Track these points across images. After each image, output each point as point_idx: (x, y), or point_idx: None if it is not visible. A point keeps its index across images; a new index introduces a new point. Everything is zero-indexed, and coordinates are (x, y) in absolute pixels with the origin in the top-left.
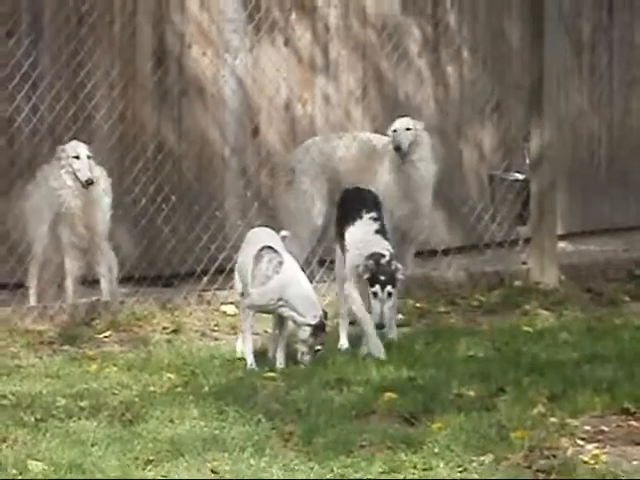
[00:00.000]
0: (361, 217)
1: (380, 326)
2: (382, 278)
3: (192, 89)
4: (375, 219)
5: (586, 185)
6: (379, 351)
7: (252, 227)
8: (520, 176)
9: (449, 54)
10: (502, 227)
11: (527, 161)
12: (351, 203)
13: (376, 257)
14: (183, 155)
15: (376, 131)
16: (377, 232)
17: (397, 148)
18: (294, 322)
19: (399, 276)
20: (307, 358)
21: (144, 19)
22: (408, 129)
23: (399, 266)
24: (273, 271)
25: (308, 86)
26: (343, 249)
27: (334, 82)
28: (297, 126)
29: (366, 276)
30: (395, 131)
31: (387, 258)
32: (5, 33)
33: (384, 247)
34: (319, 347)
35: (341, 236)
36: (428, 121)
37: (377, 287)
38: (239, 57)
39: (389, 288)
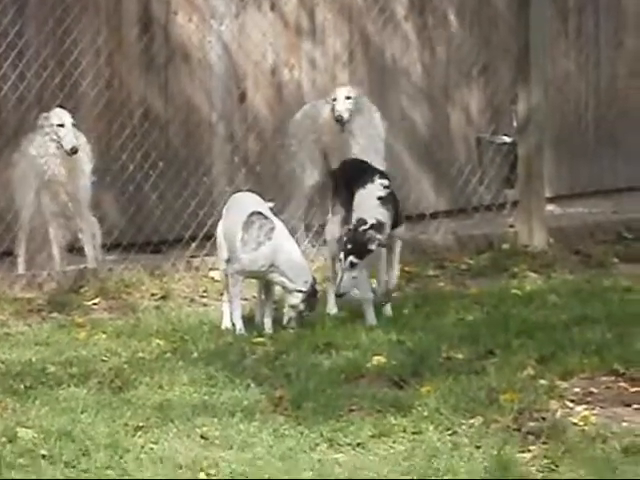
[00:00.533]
0: (373, 181)
1: (337, 294)
2: (348, 247)
3: (178, 55)
4: (386, 187)
5: (574, 147)
6: (372, 318)
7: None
8: (507, 139)
9: (436, 17)
10: (490, 190)
11: (514, 124)
12: (361, 169)
13: (358, 223)
14: (170, 121)
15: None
16: (380, 199)
17: (337, 118)
18: (284, 288)
19: (370, 247)
20: (294, 323)
21: None
22: (348, 97)
23: (376, 237)
24: (265, 237)
25: (294, 51)
26: (348, 211)
27: (320, 46)
28: (284, 91)
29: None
30: (335, 100)
31: (366, 227)
32: None
33: (375, 215)
34: (306, 312)
35: (346, 199)
36: (415, 84)
37: (342, 254)
38: (225, 23)
39: (352, 258)
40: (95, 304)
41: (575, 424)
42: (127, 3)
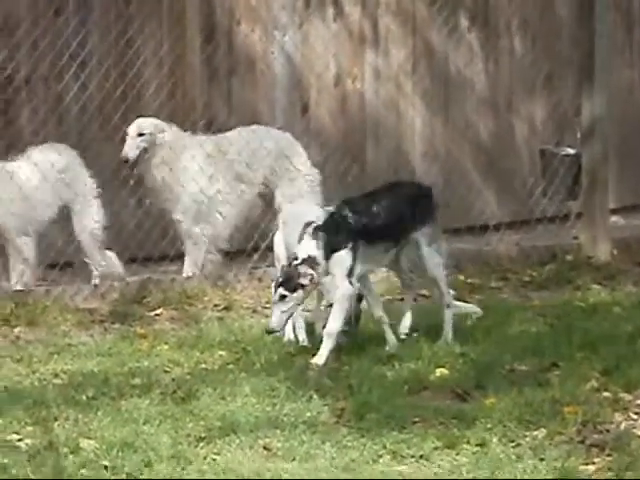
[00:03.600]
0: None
1: (267, 331)
2: (279, 279)
3: (241, 66)
4: (332, 214)
5: (638, 158)
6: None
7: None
8: (571, 150)
9: (499, 28)
10: (553, 202)
11: (578, 135)
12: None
13: (293, 257)
14: None
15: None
16: (316, 229)
17: (123, 159)
18: None
19: (301, 281)
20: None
21: None
22: (140, 134)
23: (308, 272)
24: None
25: (358, 61)
26: None
27: (384, 57)
28: (347, 102)
29: None
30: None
31: (297, 262)
32: (53, 12)
33: (305, 249)
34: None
35: None
36: (479, 95)
37: (273, 287)
38: (288, 33)
39: (281, 290)
40: (158, 315)
41: (639, 437)
42: (190, 13)
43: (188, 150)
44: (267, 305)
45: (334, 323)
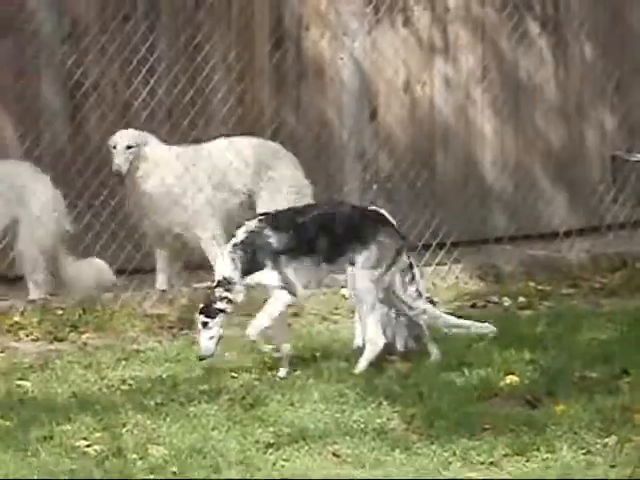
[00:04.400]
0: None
1: (199, 357)
2: (200, 305)
3: (310, 72)
4: (250, 231)
5: None
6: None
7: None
8: None
9: (570, 34)
10: (624, 208)
11: None
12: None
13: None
14: (302, 138)
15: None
16: (234, 246)
17: (116, 172)
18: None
19: (219, 306)
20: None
21: (262, 1)
22: (129, 147)
23: (223, 295)
24: None
25: (427, 68)
26: None
27: (453, 63)
28: (416, 108)
29: None
30: (115, 148)
31: (213, 285)
32: (122, 17)
33: (220, 270)
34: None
35: None
36: (549, 101)
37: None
38: (357, 39)
39: (202, 317)
40: None
41: None
42: (259, 18)
43: (171, 161)
44: (335, 311)
45: (260, 322)
